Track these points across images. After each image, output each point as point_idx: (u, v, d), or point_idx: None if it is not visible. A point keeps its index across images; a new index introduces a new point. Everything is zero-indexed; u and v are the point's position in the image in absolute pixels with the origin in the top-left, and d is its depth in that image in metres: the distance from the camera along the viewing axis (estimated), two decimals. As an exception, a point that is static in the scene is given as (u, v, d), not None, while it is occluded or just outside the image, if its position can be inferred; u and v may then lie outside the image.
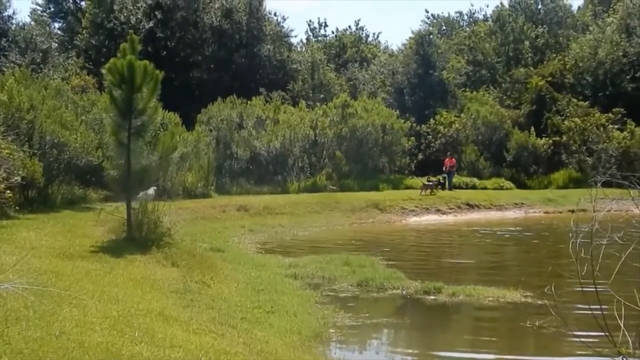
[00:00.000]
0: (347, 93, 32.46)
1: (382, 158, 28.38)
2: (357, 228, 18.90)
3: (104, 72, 10.26)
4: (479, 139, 31.88)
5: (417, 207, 22.04)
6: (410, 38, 39.29)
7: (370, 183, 25.62)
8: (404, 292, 9.51)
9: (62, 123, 14.91)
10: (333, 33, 51.86)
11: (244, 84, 32.78)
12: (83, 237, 9.88)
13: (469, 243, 16.83)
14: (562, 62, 35.87)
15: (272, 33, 37.61)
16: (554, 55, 37.20)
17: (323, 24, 57.85)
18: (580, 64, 35.46)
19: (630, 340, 3.47)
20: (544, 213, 23.39)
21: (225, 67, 35.00)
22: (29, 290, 5.01)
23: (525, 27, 39.77)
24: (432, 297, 9.25)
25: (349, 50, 47.30)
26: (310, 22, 77.87)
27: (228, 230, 15.95)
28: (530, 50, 39.07)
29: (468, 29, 46.15)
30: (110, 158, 11.24)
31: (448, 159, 26.66)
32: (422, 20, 65.51)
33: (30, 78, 18.81)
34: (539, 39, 39.75)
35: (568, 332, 5.94)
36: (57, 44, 37.85)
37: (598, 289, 3.54)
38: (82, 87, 26.10)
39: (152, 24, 33.72)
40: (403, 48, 41.67)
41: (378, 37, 54.39)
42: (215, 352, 5.03)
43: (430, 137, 32.19)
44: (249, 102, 27.70)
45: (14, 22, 36.12)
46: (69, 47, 37.55)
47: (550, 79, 34.59)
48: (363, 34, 51.82)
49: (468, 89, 36.75)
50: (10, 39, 33.66)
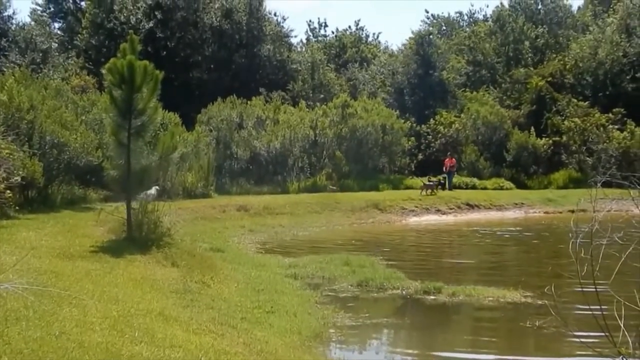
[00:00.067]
0: (347, 93, 32.43)
1: (382, 158, 28.38)
2: (357, 228, 18.89)
3: (104, 72, 10.26)
4: (479, 139, 31.87)
5: (417, 207, 22.04)
6: (410, 38, 39.32)
7: (370, 183, 25.61)
8: (404, 292, 9.51)
9: (62, 123, 14.92)
10: (333, 33, 51.96)
11: (244, 84, 32.77)
12: (83, 237, 9.88)
13: (469, 243, 16.83)
14: (562, 62, 35.84)
15: (272, 33, 37.59)
16: (554, 56, 37.17)
17: (323, 24, 58.03)
18: (580, 64, 35.44)
19: (630, 341, 3.46)
20: (544, 213, 23.38)
21: (225, 67, 34.98)
22: (29, 290, 5.01)
23: (525, 27, 39.74)
24: (432, 297, 9.25)
25: (349, 51, 47.26)
26: (310, 22, 77.98)
27: (228, 230, 15.95)
28: (530, 51, 39.03)
29: (468, 29, 46.12)
30: (110, 158, 11.25)
31: (448, 159, 26.67)
32: (422, 21, 65.62)
33: (30, 78, 18.81)
34: (539, 39, 39.72)
35: (568, 332, 5.94)
36: (57, 44, 37.84)
37: (598, 289, 3.53)
38: (82, 87, 26.09)
39: (152, 24, 33.71)
40: (403, 48, 41.67)
41: (378, 37, 54.35)
42: (215, 352, 5.02)
43: (430, 137, 32.18)
44: (249, 102, 27.71)
45: (14, 22, 36.25)
46: (69, 47, 37.54)
47: (550, 79, 34.57)
48: (363, 34, 51.81)
49: (468, 89, 36.73)
50: (10, 39, 33.66)
